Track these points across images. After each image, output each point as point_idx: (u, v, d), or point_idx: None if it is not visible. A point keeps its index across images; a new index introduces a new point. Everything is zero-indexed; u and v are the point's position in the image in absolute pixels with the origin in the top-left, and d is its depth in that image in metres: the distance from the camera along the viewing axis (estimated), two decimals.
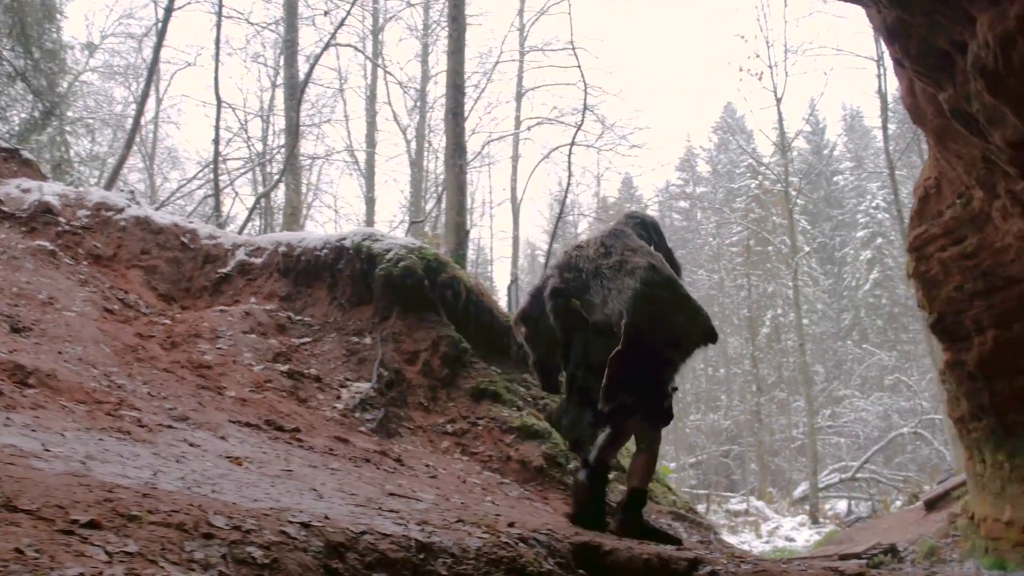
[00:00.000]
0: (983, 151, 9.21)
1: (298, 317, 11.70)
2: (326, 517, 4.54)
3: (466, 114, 25.72)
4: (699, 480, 45.76)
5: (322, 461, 7.56)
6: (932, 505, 17.95)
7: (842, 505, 34.31)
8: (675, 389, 6.80)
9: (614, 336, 6.18)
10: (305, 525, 4.27)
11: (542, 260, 53.80)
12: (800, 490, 38.89)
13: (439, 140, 32.17)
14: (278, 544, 3.93)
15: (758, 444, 48.30)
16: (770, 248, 52.58)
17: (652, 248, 6.87)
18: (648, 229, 7.20)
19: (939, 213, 12.13)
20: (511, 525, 6.00)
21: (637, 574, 6.02)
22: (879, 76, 31.49)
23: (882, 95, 31.62)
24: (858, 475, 35.39)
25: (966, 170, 10.22)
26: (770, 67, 37.30)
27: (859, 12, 6.23)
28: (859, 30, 49.75)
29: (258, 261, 12.48)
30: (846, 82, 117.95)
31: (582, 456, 6.86)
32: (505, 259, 45.72)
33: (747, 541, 25.75)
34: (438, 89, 33.90)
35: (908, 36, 5.32)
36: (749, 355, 51.54)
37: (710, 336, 6.55)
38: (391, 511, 5.49)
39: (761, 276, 56.60)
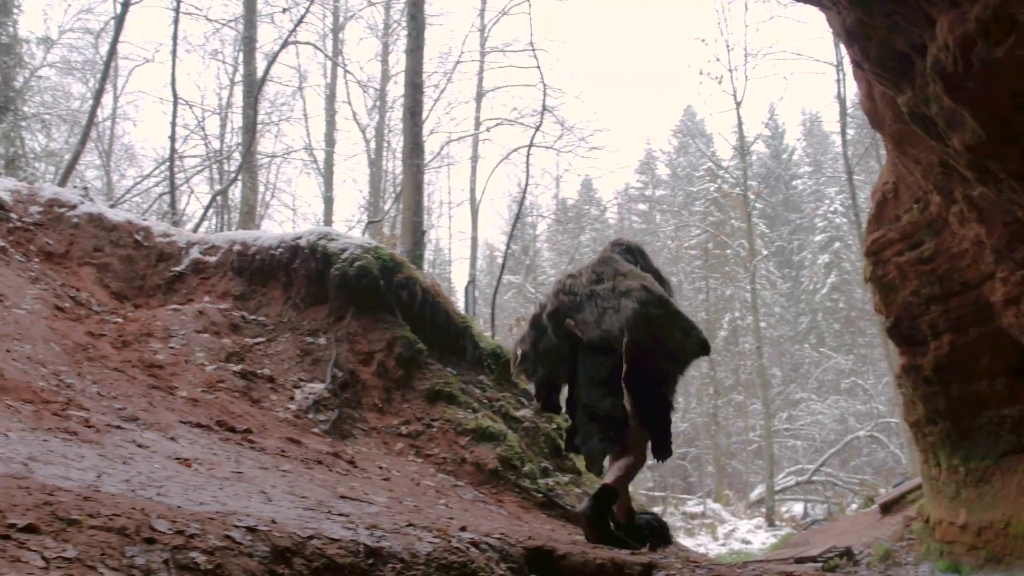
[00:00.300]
0: (941, 156, 9.21)
1: (252, 316, 11.58)
2: (273, 521, 4.45)
3: (425, 114, 25.65)
4: (656, 482, 45.80)
5: (273, 463, 7.47)
6: (887, 508, 18.03)
7: (798, 508, 34.53)
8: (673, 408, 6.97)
9: (611, 353, 6.47)
10: (251, 529, 4.18)
11: (500, 261, 53.91)
12: (757, 493, 39.11)
13: (398, 140, 32.02)
14: (222, 549, 3.84)
15: (715, 447, 48.51)
16: (728, 251, 52.81)
17: (640, 270, 7.04)
18: (634, 254, 7.39)
19: (897, 218, 12.16)
20: (463, 529, 5.93)
21: None
22: (838, 81, 31.73)
23: (841, 100, 31.86)
24: (814, 478, 35.62)
25: (924, 175, 10.25)
26: (730, 71, 37.50)
27: (819, 17, 6.25)
28: (819, 35, 50.13)
29: (212, 259, 12.35)
30: (806, 87, 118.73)
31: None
32: (464, 260, 45.67)
33: (703, 544, 25.86)
34: (398, 89, 33.80)
35: (868, 38, 5.29)
36: (707, 358, 51.68)
37: (704, 349, 6.75)
38: (341, 515, 5.41)
39: (719, 279, 56.85)
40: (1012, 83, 4.31)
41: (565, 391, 7.31)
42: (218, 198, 23.33)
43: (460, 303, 17.53)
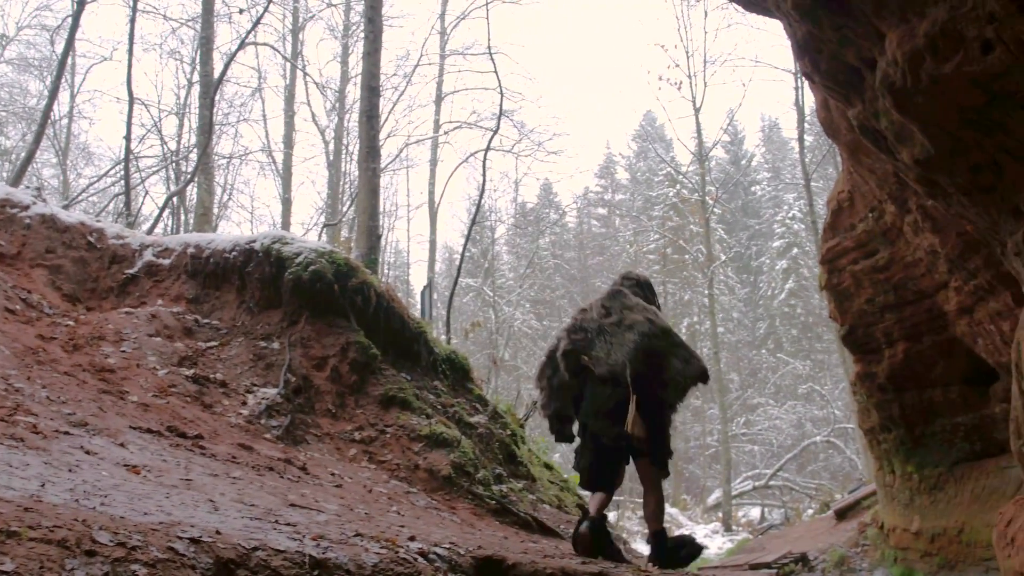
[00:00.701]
0: (894, 167, 9.27)
1: (205, 320, 11.51)
2: (218, 532, 4.41)
3: (385, 116, 25.59)
4: None
5: (224, 469, 7.41)
6: (843, 514, 18.16)
7: (755, 512, 34.68)
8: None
9: (618, 385, 7.12)
10: (195, 541, 4.14)
11: (458, 264, 53.90)
12: (714, 497, 39.23)
13: (356, 142, 32.00)
14: (164, 562, 3.80)
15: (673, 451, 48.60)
16: (687, 256, 53.01)
17: (641, 301, 7.82)
18: (643, 287, 8.21)
19: (852, 226, 12.23)
20: (412, 539, 5.90)
21: None
22: (796, 88, 31.94)
23: (799, 107, 32.07)
24: (771, 483, 35.79)
25: (879, 184, 10.30)
26: (689, 77, 37.70)
27: (777, 25, 6.28)
28: (778, 42, 50.37)
29: (166, 262, 12.27)
30: (765, 93, 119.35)
31: (585, 510, 7.68)
32: (422, 263, 45.59)
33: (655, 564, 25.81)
34: (357, 91, 33.71)
35: (818, 51, 5.32)
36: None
37: (703, 376, 7.43)
38: (288, 524, 5.37)
39: (678, 284, 57.06)
40: (960, 99, 4.35)
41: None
42: (174, 199, 23.17)
43: (417, 307, 17.47)
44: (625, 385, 7.08)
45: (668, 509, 36.27)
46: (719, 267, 48.36)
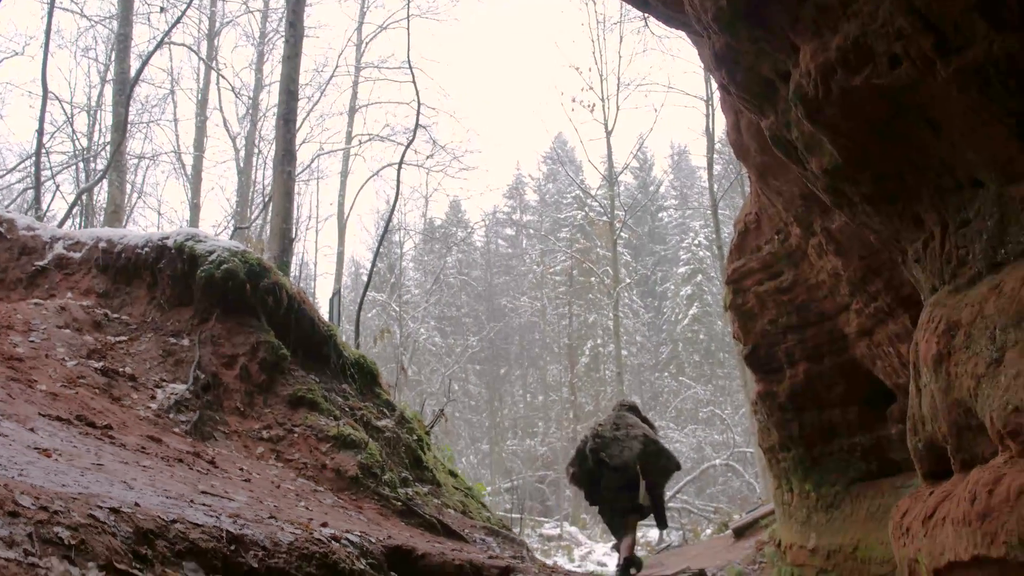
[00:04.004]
0: (802, 188, 9.50)
1: (115, 315, 11.45)
2: (137, 504, 4.47)
3: (298, 124, 25.55)
4: (513, 504, 45.89)
5: (134, 458, 7.42)
6: (740, 533, 18.45)
7: (653, 533, 34.87)
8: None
9: (626, 472, 10.59)
10: (115, 511, 4.20)
11: (365, 279, 53.79)
12: None
13: (270, 149, 31.74)
14: (86, 527, 3.86)
15: None
16: (593, 279, 53.30)
17: (638, 420, 11.53)
18: (636, 411, 11.94)
19: (758, 248, 12.44)
20: (324, 525, 6.00)
21: None
22: (707, 116, 32.26)
23: (709, 134, 32.43)
24: (670, 504, 35.99)
25: (785, 207, 10.51)
26: (602, 100, 37.97)
27: (692, 53, 6.48)
28: (690, 69, 50.98)
29: (77, 256, 12.18)
30: (676, 121, 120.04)
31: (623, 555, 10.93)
32: (329, 275, 45.20)
33: (560, 565, 26.00)
34: (271, 98, 33.60)
35: (735, 63, 5.49)
36: (568, 383, 52.26)
37: (678, 467, 11.54)
38: (204, 504, 5.43)
39: (583, 306, 57.36)
40: (867, 110, 4.54)
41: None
42: (84, 196, 22.89)
43: (325, 315, 17.44)
44: (634, 473, 10.64)
45: (567, 527, 36.64)
46: (624, 290, 48.68)
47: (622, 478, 10.65)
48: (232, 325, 11.40)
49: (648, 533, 35.70)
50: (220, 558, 4.44)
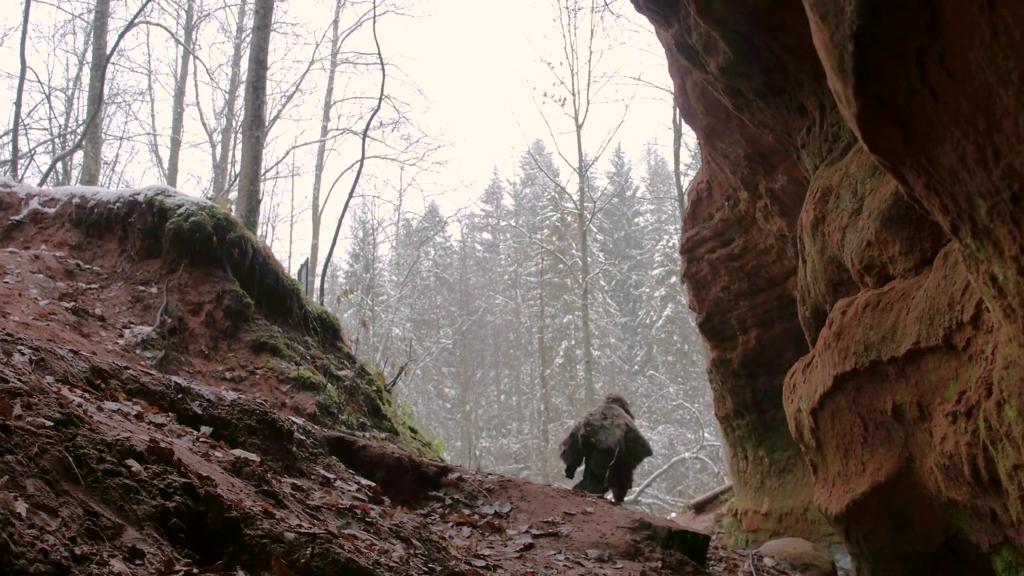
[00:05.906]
0: (746, 149, 10.06)
1: (87, 265, 11.87)
2: (94, 353, 4.98)
3: (271, 121, 26.04)
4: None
5: None
6: (701, 508, 19.04)
7: None
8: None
9: (610, 454, 12.36)
10: (74, 352, 4.70)
11: (340, 277, 54.37)
12: None
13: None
14: (47, 351, 4.37)
15: (545, 466, 49.19)
16: (568, 280, 53.72)
17: (623, 412, 13.39)
18: (622, 404, 13.59)
19: (710, 216, 12.93)
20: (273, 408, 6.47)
21: (388, 468, 6.58)
22: (674, 107, 32.73)
23: (676, 125, 32.89)
24: (641, 499, 36.46)
25: (732, 170, 10.99)
26: (574, 94, 38.55)
27: (660, 49, 6.99)
28: (658, 63, 51.49)
29: (51, 211, 12.61)
30: (646, 119, 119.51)
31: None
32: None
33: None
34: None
35: None
36: (540, 376, 52.70)
37: (649, 452, 13.38)
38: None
39: (559, 307, 57.77)
40: (750, 3, 5.04)
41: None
42: (58, 165, 23.27)
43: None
44: (614, 455, 12.37)
45: None
46: (598, 289, 49.05)
47: (607, 458, 12.59)
48: (199, 275, 11.82)
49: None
50: (168, 401, 4.93)
